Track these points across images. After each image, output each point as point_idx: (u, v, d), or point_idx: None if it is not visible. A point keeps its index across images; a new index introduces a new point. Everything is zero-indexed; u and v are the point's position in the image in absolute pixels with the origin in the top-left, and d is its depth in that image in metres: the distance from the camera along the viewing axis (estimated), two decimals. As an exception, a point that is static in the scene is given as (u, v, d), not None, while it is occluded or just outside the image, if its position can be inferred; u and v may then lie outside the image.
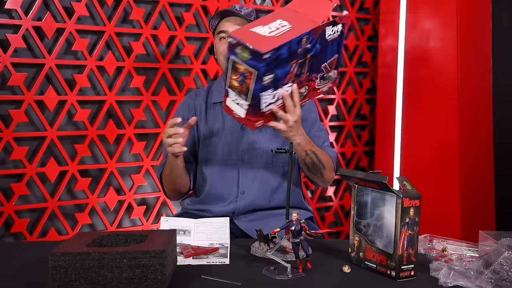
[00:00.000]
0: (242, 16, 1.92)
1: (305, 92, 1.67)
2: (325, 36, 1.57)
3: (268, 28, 1.52)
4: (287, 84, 1.58)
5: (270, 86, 1.54)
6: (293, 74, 1.56)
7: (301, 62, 1.56)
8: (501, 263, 1.30)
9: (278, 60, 1.48)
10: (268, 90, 1.54)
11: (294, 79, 1.59)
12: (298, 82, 1.61)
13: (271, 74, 1.50)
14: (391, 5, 3.22)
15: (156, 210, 2.81)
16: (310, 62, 1.60)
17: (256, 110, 1.58)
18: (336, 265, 1.46)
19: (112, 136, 2.66)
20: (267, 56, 1.44)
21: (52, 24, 2.48)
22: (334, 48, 1.61)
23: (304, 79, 1.63)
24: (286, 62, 1.51)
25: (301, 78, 1.61)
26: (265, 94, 1.55)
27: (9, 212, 2.42)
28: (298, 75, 1.59)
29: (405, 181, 1.40)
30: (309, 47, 1.55)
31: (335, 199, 3.35)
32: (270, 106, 1.60)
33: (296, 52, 1.52)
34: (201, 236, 1.65)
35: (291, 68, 1.54)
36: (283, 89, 1.58)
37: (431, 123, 3.02)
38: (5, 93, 2.42)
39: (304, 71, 1.60)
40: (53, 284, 1.21)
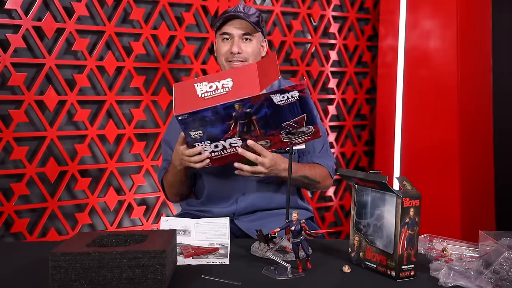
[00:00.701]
0: (248, 21, 1.88)
1: (268, 144, 1.68)
2: (274, 102, 1.57)
3: (209, 87, 1.59)
4: (233, 138, 1.63)
5: (203, 139, 1.62)
6: (235, 131, 1.61)
7: (244, 123, 1.60)
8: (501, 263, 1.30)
9: (204, 121, 1.57)
10: (202, 141, 1.63)
11: (242, 134, 1.63)
12: (250, 137, 1.64)
13: (197, 131, 1.60)
14: (391, 5, 3.22)
15: (156, 210, 2.81)
16: (261, 122, 1.62)
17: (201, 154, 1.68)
18: (336, 265, 1.46)
19: (112, 136, 2.66)
20: (180, 118, 1.55)
21: (52, 24, 2.48)
22: (296, 109, 1.60)
23: (260, 135, 1.65)
24: (218, 122, 1.58)
25: (254, 134, 1.64)
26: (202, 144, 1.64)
27: (9, 212, 2.42)
28: (246, 132, 1.63)
29: (405, 181, 1.40)
30: (250, 111, 1.58)
31: (335, 199, 3.35)
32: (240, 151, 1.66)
33: (230, 115, 1.57)
34: (201, 236, 1.65)
35: (229, 127, 1.60)
36: (227, 142, 1.64)
37: (431, 123, 3.02)
38: (5, 93, 2.42)
39: (255, 129, 1.63)
40: (53, 284, 1.21)
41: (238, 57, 1.90)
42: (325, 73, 3.27)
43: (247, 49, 1.91)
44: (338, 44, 3.32)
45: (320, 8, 3.23)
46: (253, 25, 1.89)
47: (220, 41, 1.94)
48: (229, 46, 1.91)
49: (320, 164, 1.93)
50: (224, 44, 1.93)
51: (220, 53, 1.94)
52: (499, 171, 3.16)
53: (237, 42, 1.90)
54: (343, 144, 3.38)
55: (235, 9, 1.92)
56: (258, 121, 1.60)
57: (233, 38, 1.91)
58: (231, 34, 1.91)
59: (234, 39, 1.91)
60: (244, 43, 1.91)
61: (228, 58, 1.92)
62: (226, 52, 1.91)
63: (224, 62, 1.93)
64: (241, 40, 1.91)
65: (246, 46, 1.91)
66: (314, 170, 1.89)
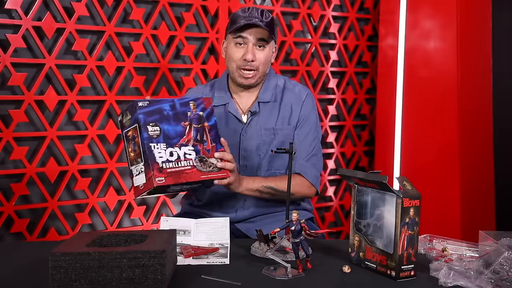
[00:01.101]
0: (265, 29, 1.84)
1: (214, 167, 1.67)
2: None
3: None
4: (187, 146, 1.62)
5: (160, 140, 1.58)
6: (190, 137, 1.63)
7: (198, 128, 1.64)
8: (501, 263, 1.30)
9: (161, 114, 1.59)
10: (159, 143, 1.58)
11: (196, 144, 1.63)
12: (202, 149, 1.64)
13: (155, 126, 1.58)
14: (391, 5, 3.22)
15: (156, 210, 2.81)
16: (212, 132, 1.66)
17: (151, 165, 1.55)
18: (336, 265, 1.46)
19: (112, 136, 2.66)
20: (141, 104, 1.57)
21: (52, 24, 2.48)
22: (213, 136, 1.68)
23: (211, 149, 1.66)
24: (173, 121, 1.61)
25: (206, 147, 1.65)
26: (157, 147, 1.57)
27: (9, 212, 2.42)
28: (199, 141, 1.64)
29: (405, 181, 1.40)
30: (203, 115, 1.65)
31: (335, 199, 3.35)
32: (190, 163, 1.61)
33: (185, 114, 1.63)
34: (201, 236, 1.65)
35: (185, 130, 1.62)
36: (182, 151, 1.61)
37: (431, 123, 3.02)
38: (5, 93, 2.42)
39: (207, 140, 1.65)
40: (53, 284, 1.21)
41: (251, 65, 1.86)
42: (325, 73, 3.27)
43: (260, 57, 1.87)
44: (338, 44, 3.32)
45: (320, 8, 3.23)
46: (269, 33, 1.85)
47: (233, 45, 1.88)
48: (243, 52, 1.85)
49: (299, 175, 1.89)
50: (238, 49, 1.87)
51: (232, 58, 1.88)
52: (499, 171, 3.16)
53: (252, 49, 1.85)
54: (343, 144, 3.38)
55: (251, 14, 1.85)
56: (210, 129, 1.65)
57: (247, 44, 1.85)
58: (246, 39, 1.85)
59: (248, 45, 1.85)
60: (258, 50, 1.86)
61: (240, 65, 1.87)
62: (239, 59, 1.86)
63: (235, 68, 1.88)
64: (255, 47, 1.86)
65: (260, 53, 1.86)
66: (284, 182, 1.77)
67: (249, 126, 1.91)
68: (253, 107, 1.93)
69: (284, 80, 2.00)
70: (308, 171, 1.90)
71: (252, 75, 1.87)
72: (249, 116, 1.92)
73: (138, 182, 1.58)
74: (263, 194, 1.83)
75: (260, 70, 1.89)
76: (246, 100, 1.95)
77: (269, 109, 1.93)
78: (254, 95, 1.95)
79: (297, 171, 1.89)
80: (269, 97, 1.94)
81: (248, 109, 1.93)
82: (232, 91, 1.97)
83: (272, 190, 1.82)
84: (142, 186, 1.56)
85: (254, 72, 1.87)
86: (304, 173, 1.89)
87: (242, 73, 1.87)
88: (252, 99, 1.95)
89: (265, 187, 1.82)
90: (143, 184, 1.56)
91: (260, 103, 1.93)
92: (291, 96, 1.96)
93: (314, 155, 1.94)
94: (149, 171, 1.54)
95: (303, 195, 1.92)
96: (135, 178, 1.58)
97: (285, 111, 1.94)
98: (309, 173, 1.90)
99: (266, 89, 1.95)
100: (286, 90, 1.97)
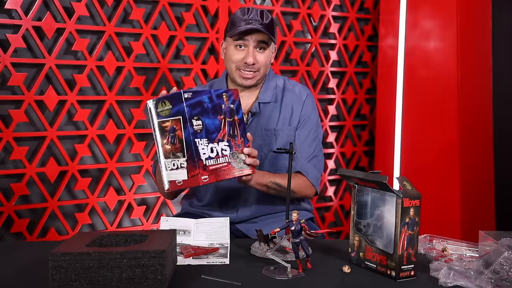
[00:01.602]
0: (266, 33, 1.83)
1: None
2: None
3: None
4: (223, 142, 1.60)
5: (202, 135, 1.56)
6: (225, 132, 1.60)
7: (230, 122, 1.61)
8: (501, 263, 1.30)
9: (202, 107, 1.56)
10: (202, 138, 1.55)
11: (230, 139, 1.61)
12: (234, 144, 1.62)
13: (199, 120, 1.55)
14: (391, 5, 3.22)
15: (156, 210, 2.81)
16: (241, 126, 1.63)
17: (196, 162, 1.55)
18: (336, 265, 1.46)
19: (112, 136, 2.66)
20: (186, 95, 1.52)
21: (52, 24, 2.48)
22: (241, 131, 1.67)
23: (241, 144, 1.64)
24: (212, 114, 1.58)
25: (237, 142, 1.63)
26: (201, 143, 1.55)
27: (9, 212, 2.42)
28: (232, 136, 1.62)
29: (405, 181, 1.40)
30: (233, 108, 1.62)
31: (335, 199, 3.35)
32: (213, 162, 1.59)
33: (220, 107, 1.60)
34: (201, 236, 1.65)
35: (221, 124, 1.60)
36: (219, 146, 1.59)
37: (431, 123, 3.02)
38: (5, 93, 2.42)
39: (238, 135, 1.63)
40: (53, 284, 1.21)
41: (252, 68, 1.85)
42: (325, 73, 3.27)
43: (261, 59, 1.86)
44: (338, 44, 3.32)
45: (320, 8, 3.23)
46: (269, 36, 1.84)
47: (233, 47, 1.86)
48: (243, 55, 1.85)
49: (301, 174, 1.89)
50: (238, 51, 1.86)
51: (232, 60, 1.87)
52: (499, 171, 3.16)
53: (252, 53, 1.84)
54: (343, 144, 3.38)
55: (251, 16, 1.84)
56: (239, 123, 1.62)
57: (248, 47, 1.85)
58: (246, 41, 1.84)
59: (249, 48, 1.84)
60: (258, 52, 1.85)
61: (240, 67, 1.86)
62: (239, 61, 1.86)
63: (234, 70, 1.88)
64: (255, 50, 1.85)
65: (260, 56, 1.86)
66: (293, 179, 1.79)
67: (250, 126, 1.91)
68: (253, 107, 1.93)
69: (283, 80, 2.00)
70: (310, 171, 1.90)
71: (252, 76, 1.87)
72: (250, 116, 1.92)
73: (174, 177, 1.55)
74: (270, 189, 1.83)
75: (261, 72, 1.89)
76: (246, 100, 1.94)
77: (269, 110, 1.93)
78: (254, 95, 1.95)
79: (299, 171, 1.89)
80: (269, 97, 1.94)
81: (248, 109, 1.93)
82: None
83: (278, 187, 1.83)
84: (182, 182, 1.55)
85: (254, 73, 1.87)
86: (305, 173, 1.89)
87: (242, 73, 1.87)
88: (252, 100, 1.95)
89: (272, 183, 1.82)
90: (183, 181, 1.55)
91: (261, 103, 1.93)
92: (291, 97, 1.96)
93: (315, 156, 1.94)
94: (195, 168, 1.54)
95: (303, 194, 1.93)
96: (170, 172, 1.55)
97: (286, 111, 1.94)
98: (310, 173, 1.90)
99: (266, 90, 1.95)
100: (286, 91, 1.97)
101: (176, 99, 1.53)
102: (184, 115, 1.54)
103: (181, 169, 1.54)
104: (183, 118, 1.54)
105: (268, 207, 1.92)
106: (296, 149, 1.89)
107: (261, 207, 1.91)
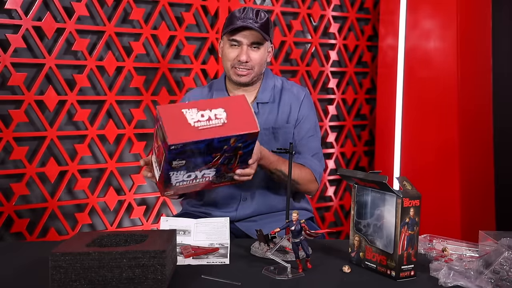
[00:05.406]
0: (259, 31, 1.84)
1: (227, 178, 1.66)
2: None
3: (201, 116, 1.45)
4: (211, 169, 1.56)
5: (182, 169, 1.50)
6: (217, 163, 1.53)
7: (228, 156, 1.53)
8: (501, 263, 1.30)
9: (194, 152, 1.45)
10: (179, 171, 1.50)
11: (220, 166, 1.56)
12: (226, 169, 1.59)
13: (181, 160, 1.45)
14: (391, 5, 3.22)
15: (156, 210, 2.81)
16: (243, 156, 1.58)
17: (167, 183, 1.55)
18: (336, 265, 1.46)
19: (112, 136, 2.66)
20: (173, 147, 1.40)
21: (52, 24, 2.48)
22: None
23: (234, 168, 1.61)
24: (206, 154, 1.48)
25: (230, 167, 1.60)
26: (176, 174, 1.52)
27: (9, 212, 2.42)
28: (225, 164, 1.56)
29: (405, 181, 1.40)
30: (241, 146, 1.51)
31: (335, 199, 3.35)
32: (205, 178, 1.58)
33: (222, 148, 1.48)
34: (201, 236, 1.65)
35: (213, 159, 1.51)
36: (201, 173, 1.55)
37: (431, 123, 3.02)
38: (5, 93, 2.42)
39: (234, 162, 1.58)
40: (53, 284, 1.21)
41: (246, 65, 1.87)
42: (325, 73, 3.27)
43: (255, 57, 1.87)
44: (338, 44, 3.31)
45: (320, 8, 3.23)
46: (263, 35, 1.85)
47: (228, 46, 1.89)
48: (237, 53, 1.86)
49: (306, 167, 1.90)
50: (232, 50, 1.88)
51: (227, 58, 1.89)
52: (499, 171, 3.16)
53: (246, 50, 1.85)
54: (343, 144, 3.38)
55: (246, 15, 1.85)
56: (242, 155, 1.56)
57: (241, 45, 1.86)
58: (240, 42, 1.86)
59: (243, 46, 1.86)
60: (252, 50, 1.87)
61: (235, 65, 1.88)
62: (233, 59, 1.87)
63: (230, 68, 1.89)
64: (249, 48, 1.86)
65: (254, 54, 1.87)
66: (297, 170, 1.85)
67: None
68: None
69: (281, 81, 2.01)
70: (314, 166, 1.92)
71: (246, 73, 1.88)
72: None
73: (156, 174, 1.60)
74: (273, 175, 1.83)
75: (255, 70, 1.90)
76: None
77: (267, 110, 1.94)
78: (253, 95, 1.96)
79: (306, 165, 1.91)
80: (268, 98, 1.94)
81: None
82: (230, 91, 1.98)
83: (282, 175, 1.83)
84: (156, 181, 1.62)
85: (248, 70, 1.88)
86: (310, 167, 1.91)
87: (236, 70, 1.89)
88: (251, 100, 1.95)
89: (277, 170, 1.82)
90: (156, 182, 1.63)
91: (259, 103, 1.94)
92: (289, 96, 1.97)
93: (317, 153, 1.97)
94: (161, 185, 1.59)
95: (306, 188, 1.93)
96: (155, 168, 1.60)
97: (284, 111, 1.95)
98: (314, 168, 1.92)
99: (264, 90, 1.95)
100: (284, 91, 1.98)
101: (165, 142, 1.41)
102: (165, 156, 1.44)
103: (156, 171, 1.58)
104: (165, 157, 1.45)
105: (268, 205, 1.92)
106: (296, 144, 1.92)
107: (261, 205, 1.92)
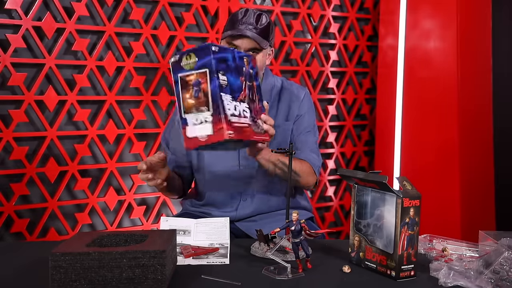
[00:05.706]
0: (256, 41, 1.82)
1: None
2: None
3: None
4: (244, 103, 1.53)
5: (227, 90, 1.46)
6: (245, 94, 1.53)
7: (250, 85, 1.55)
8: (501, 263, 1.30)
9: (227, 65, 1.47)
10: (226, 94, 1.45)
11: (249, 101, 1.55)
12: (254, 110, 1.58)
13: (224, 75, 1.45)
14: (391, 5, 3.22)
15: (156, 210, 2.81)
16: (258, 91, 1.59)
17: (222, 116, 1.44)
18: (336, 265, 1.46)
19: (112, 136, 2.66)
20: (214, 49, 1.43)
21: (52, 24, 2.48)
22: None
23: (258, 111, 1.60)
24: (235, 73, 1.49)
25: (255, 107, 1.58)
26: (226, 98, 1.45)
27: (9, 212, 2.42)
28: (251, 99, 1.56)
29: (405, 181, 1.40)
30: (252, 73, 1.56)
31: (335, 199, 3.35)
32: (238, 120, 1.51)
33: (242, 69, 1.53)
34: (201, 236, 1.65)
35: (242, 85, 1.52)
36: (241, 106, 1.51)
37: (431, 123, 3.02)
38: (5, 93, 2.42)
39: (256, 99, 1.58)
40: (53, 284, 1.21)
41: None
42: (325, 73, 3.27)
43: None
44: (338, 44, 3.31)
45: (320, 8, 3.23)
46: (259, 44, 1.83)
47: None
48: None
49: (305, 161, 1.91)
50: None
51: None
52: (499, 171, 3.16)
53: None
54: (343, 144, 3.38)
55: (246, 19, 1.84)
56: (257, 89, 1.59)
57: (240, 50, 1.83)
58: (239, 46, 1.84)
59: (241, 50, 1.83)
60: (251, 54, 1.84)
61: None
62: None
63: None
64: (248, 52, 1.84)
65: None
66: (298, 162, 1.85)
67: None
68: None
69: (281, 80, 2.02)
70: (313, 160, 1.93)
71: None
72: None
73: (198, 133, 1.45)
74: (276, 168, 1.80)
75: None
76: None
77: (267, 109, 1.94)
78: None
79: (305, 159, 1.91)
80: (267, 98, 1.95)
81: None
82: None
83: (285, 167, 1.80)
84: (206, 137, 1.44)
85: None
86: (309, 161, 1.92)
87: None
88: None
89: (280, 161, 1.79)
90: (207, 136, 1.44)
91: None
92: (289, 95, 1.98)
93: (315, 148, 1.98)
94: (220, 122, 1.43)
95: (306, 181, 1.92)
96: (193, 128, 1.45)
97: (283, 109, 1.96)
98: (313, 162, 1.93)
99: (264, 90, 1.95)
100: (284, 90, 1.99)
101: (204, 52, 1.43)
102: (211, 68, 1.43)
103: (205, 124, 1.45)
104: (209, 71, 1.44)
105: (267, 205, 1.93)
106: (294, 140, 1.93)
107: (261, 205, 1.92)
